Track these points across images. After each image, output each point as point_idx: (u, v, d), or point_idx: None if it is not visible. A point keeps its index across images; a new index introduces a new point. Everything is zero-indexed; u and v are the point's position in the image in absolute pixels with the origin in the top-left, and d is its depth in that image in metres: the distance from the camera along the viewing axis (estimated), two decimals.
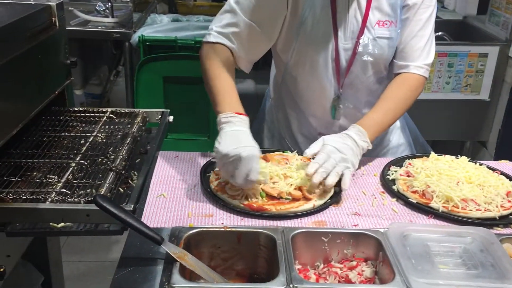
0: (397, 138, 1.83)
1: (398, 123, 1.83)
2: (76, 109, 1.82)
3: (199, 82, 2.89)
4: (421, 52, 1.57)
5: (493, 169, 1.51)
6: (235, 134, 1.32)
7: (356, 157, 1.41)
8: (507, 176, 1.47)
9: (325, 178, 1.32)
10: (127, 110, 1.84)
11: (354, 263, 1.19)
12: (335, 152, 1.37)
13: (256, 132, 1.78)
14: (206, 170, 1.45)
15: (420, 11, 1.55)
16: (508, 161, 1.65)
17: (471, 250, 1.15)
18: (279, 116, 1.79)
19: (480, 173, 1.44)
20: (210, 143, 3.00)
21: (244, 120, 1.38)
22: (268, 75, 1.86)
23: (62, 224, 1.24)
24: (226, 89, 1.46)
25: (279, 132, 1.80)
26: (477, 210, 1.29)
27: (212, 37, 1.55)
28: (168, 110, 1.88)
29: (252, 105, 1.99)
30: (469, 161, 1.52)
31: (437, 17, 2.26)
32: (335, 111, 1.64)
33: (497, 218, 1.29)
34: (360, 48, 1.54)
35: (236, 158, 1.24)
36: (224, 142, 1.29)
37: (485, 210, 1.30)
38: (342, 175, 1.35)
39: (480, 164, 1.52)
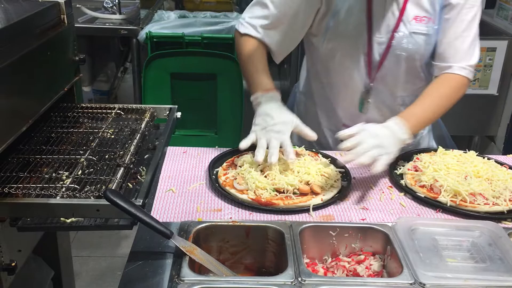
0: (426, 143, 1.81)
1: (426, 128, 1.80)
2: (84, 105, 1.84)
3: (207, 78, 2.93)
4: (465, 53, 1.53)
5: (501, 163, 1.50)
6: (265, 113, 1.44)
7: (394, 146, 1.37)
8: None
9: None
10: (135, 106, 1.86)
11: (362, 257, 1.20)
12: (371, 137, 1.33)
13: None
14: (214, 165, 1.46)
15: (464, 11, 1.51)
16: None
17: (479, 243, 1.15)
18: (307, 108, 1.79)
19: (488, 167, 1.43)
20: (217, 139, 3.04)
21: (273, 96, 1.49)
22: (275, 71, 1.87)
23: (72, 219, 1.25)
24: (254, 70, 1.55)
25: (304, 122, 1.79)
26: (485, 204, 1.29)
27: (242, 28, 1.60)
28: (176, 106, 1.88)
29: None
30: (477, 155, 1.52)
31: None
32: (363, 105, 1.64)
33: (505, 212, 1.28)
34: (394, 42, 1.53)
35: (268, 137, 1.38)
36: (257, 124, 1.44)
37: (493, 204, 1.29)
38: (376, 160, 1.31)
39: (488, 159, 1.52)
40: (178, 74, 2.88)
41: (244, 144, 1.42)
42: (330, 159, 1.51)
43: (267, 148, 1.39)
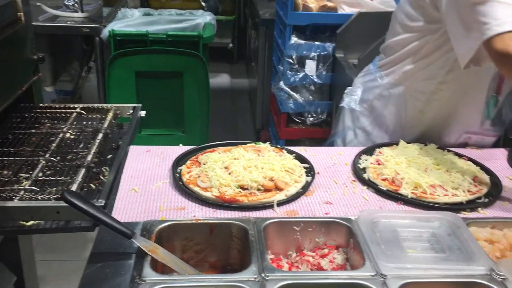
0: None
1: None
2: (45, 105, 1.80)
3: (172, 77, 2.91)
4: None
5: (460, 155, 1.54)
6: None
7: None
8: (474, 162, 1.51)
9: None
10: (97, 105, 1.83)
11: (326, 250, 1.21)
12: None
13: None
14: (177, 163, 1.45)
15: None
16: (475, 147, 1.69)
17: (438, 234, 1.18)
18: (416, 107, 1.68)
19: (448, 159, 1.47)
20: (185, 138, 3.01)
21: None
22: (243, 69, 1.84)
23: (32, 222, 1.22)
24: None
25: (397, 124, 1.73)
26: (444, 195, 1.32)
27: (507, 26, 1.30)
28: (140, 105, 1.86)
29: (227, 98, 2.00)
30: (437, 148, 1.55)
31: None
32: (489, 113, 1.63)
33: (464, 202, 1.32)
34: None
35: None
36: None
37: (452, 195, 1.33)
38: None
39: (448, 151, 1.55)
40: (143, 72, 2.85)
41: None
42: (294, 154, 1.52)
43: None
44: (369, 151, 1.59)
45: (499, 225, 1.24)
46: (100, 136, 1.59)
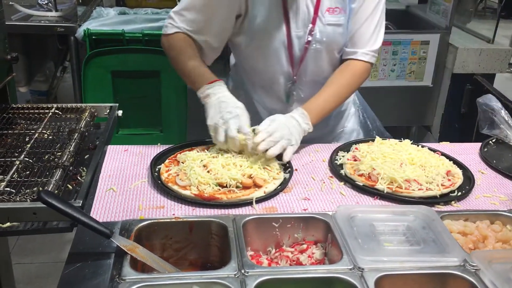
0: (352, 124, 1.90)
1: (352, 108, 1.90)
2: (19, 106, 1.77)
3: (149, 76, 2.88)
4: (369, 38, 1.64)
5: (434, 150, 1.58)
6: (219, 101, 1.45)
7: (299, 136, 1.50)
8: (447, 157, 1.55)
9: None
10: (73, 105, 1.81)
11: (305, 246, 1.23)
12: (282, 127, 1.46)
13: None
14: (156, 162, 1.44)
15: (368, 0, 1.60)
16: (448, 142, 1.73)
17: (413, 227, 1.20)
18: (240, 99, 1.79)
19: (422, 155, 1.50)
20: (163, 137, 2.99)
21: (219, 84, 1.50)
22: (223, 67, 1.87)
23: (8, 224, 1.21)
24: (193, 65, 1.54)
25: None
26: (419, 189, 1.35)
27: (169, 29, 1.59)
28: (117, 105, 1.85)
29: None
30: (411, 143, 1.58)
31: None
32: (289, 98, 1.69)
33: (438, 196, 1.35)
34: (312, 35, 1.57)
35: (224, 122, 1.40)
36: (209, 115, 1.44)
37: (426, 189, 1.36)
38: (284, 150, 1.45)
39: (422, 146, 1.59)
40: (119, 72, 2.81)
41: (220, 137, 1.41)
42: None
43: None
44: (346, 147, 1.61)
45: (472, 218, 1.28)
46: (76, 136, 1.58)
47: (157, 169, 1.42)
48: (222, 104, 1.43)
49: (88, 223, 1.02)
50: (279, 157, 1.50)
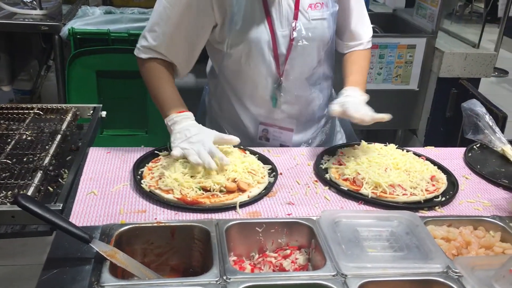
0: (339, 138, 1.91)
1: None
2: (0, 105, 1.73)
3: (135, 76, 2.83)
4: (368, 30, 1.75)
5: (419, 155, 1.58)
6: (184, 128, 1.44)
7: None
8: (432, 161, 1.55)
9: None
10: (55, 106, 1.78)
11: (288, 251, 1.22)
12: (357, 103, 1.54)
13: None
14: (139, 165, 1.42)
15: None
16: (433, 147, 1.73)
17: (397, 233, 1.20)
18: (221, 108, 1.78)
19: (407, 159, 1.50)
20: (148, 138, 2.97)
21: (187, 115, 1.49)
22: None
23: None
24: (166, 95, 1.55)
25: (220, 125, 1.79)
26: (403, 194, 1.35)
27: (142, 54, 1.58)
28: (101, 105, 1.82)
29: (193, 99, 1.98)
30: (396, 148, 1.58)
31: (368, 10, 2.34)
32: (276, 100, 1.66)
33: (422, 201, 1.35)
34: (295, 33, 1.56)
35: (194, 148, 1.36)
36: (175, 142, 1.42)
37: (411, 195, 1.36)
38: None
39: (407, 151, 1.59)
40: (104, 72, 2.78)
41: (178, 153, 1.37)
42: (257, 155, 1.52)
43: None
44: (331, 151, 1.60)
45: (455, 223, 1.28)
46: (58, 137, 1.55)
47: (140, 172, 1.39)
48: (186, 132, 1.42)
49: (66, 228, 1.00)
50: (264, 160, 1.49)
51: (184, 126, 1.45)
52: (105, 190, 1.32)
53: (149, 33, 1.55)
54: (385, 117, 1.48)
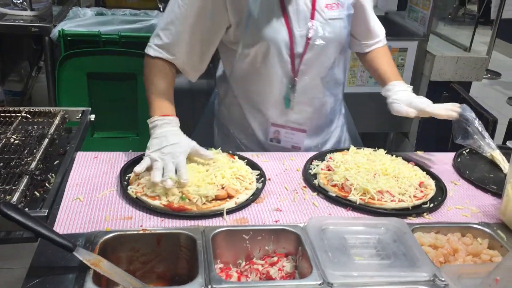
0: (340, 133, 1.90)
1: (342, 120, 1.89)
2: None
3: (125, 78, 2.84)
4: (380, 25, 1.83)
5: (408, 160, 1.57)
6: (161, 135, 1.41)
7: None
8: (421, 167, 1.55)
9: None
10: (43, 109, 1.76)
11: (275, 259, 1.21)
12: (413, 97, 1.64)
13: (206, 133, 1.83)
14: (126, 170, 1.41)
15: None
16: (423, 152, 1.73)
17: (384, 240, 1.20)
18: (230, 112, 1.77)
19: (396, 165, 1.49)
20: (139, 141, 2.95)
21: (170, 120, 1.46)
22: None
23: None
24: (156, 95, 1.52)
25: (228, 129, 1.79)
26: (391, 201, 1.35)
27: (152, 51, 1.56)
28: (90, 108, 1.81)
29: (186, 99, 1.97)
30: (386, 153, 1.58)
31: None
32: (289, 101, 1.66)
33: (410, 208, 1.35)
34: (312, 33, 1.56)
35: (163, 160, 1.34)
36: (152, 145, 1.40)
37: (399, 201, 1.35)
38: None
39: (396, 156, 1.59)
40: (95, 74, 2.77)
41: (138, 169, 1.34)
42: (246, 160, 1.51)
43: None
44: (320, 156, 1.60)
45: (443, 230, 1.28)
46: (46, 141, 1.54)
47: (127, 178, 1.38)
48: (163, 140, 1.39)
49: (49, 236, 0.99)
50: (253, 165, 1.48)
51: (163, 132, 1.42)
52: (91, 196, 1.31)
53: (163, 31, 1.54)
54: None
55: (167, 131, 1.43)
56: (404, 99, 1.61)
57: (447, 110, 1.56)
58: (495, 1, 4.84)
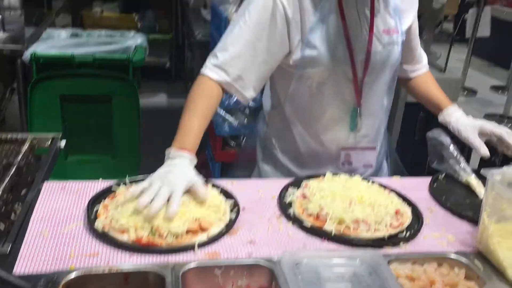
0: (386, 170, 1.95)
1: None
2: None
3: (100, 101, 2.80)
4: (423, 51, 1.90)
5: (385, 187, 1.55)
6: (169, 164, 1.37)
7: None
8: (397, 193, 1.53)
9: None
10: (11, 136, 1.71)
11: None
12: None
13: (251, 163, 1.87)
14: (94, 202, 1.36)
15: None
16: (399, 176, 1.71)
17: (360, 273, 1.17)
18: (280, 139, 1.78)
19: (372, 192, 1.47)
20: (114, 163, 2.90)
21: (185, 156, 1.39)
22: (181, 88, 1.82)
23: None
24: (186, 123, 1.47)
25: (276, 157, 1.80)
26: (367, 230, 1.32)
27: (209, 72, 1.55)
28: (60, 134, 1.76)
29: (164, 119, 1.94)
30: (362, 179, 1.56)
31: None
32: (355, 124, 1.69)
33: (386, 238, 1.32)
34: (372, 57, 1.60)
35: (160, 185, 1.27)
36: (156, 172, 1.34)
37: (375, 230, 1.33)
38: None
39: (373, 182, 1.56)
40: (68, 96, 2.72)
41: (143, 202, 1.25)
42: (220, 189, 1.47)
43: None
44: (296, 183, 1.57)
45: (420, 261, 1.25)
46: (12, 170, 1.48)
47: (95, 211, 1.33)
48: (169, 170, 1.34)
49: (4, 279, 0.93)
50: (226, 194, 1.45)
51: (172, 162, 1.37)
52: (56, 230, 1.25)
53: (221, 52, 1.54)
54: None
55: (176, 163, 1.37)
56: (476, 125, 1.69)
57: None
58: (470, 20, 4.94)
